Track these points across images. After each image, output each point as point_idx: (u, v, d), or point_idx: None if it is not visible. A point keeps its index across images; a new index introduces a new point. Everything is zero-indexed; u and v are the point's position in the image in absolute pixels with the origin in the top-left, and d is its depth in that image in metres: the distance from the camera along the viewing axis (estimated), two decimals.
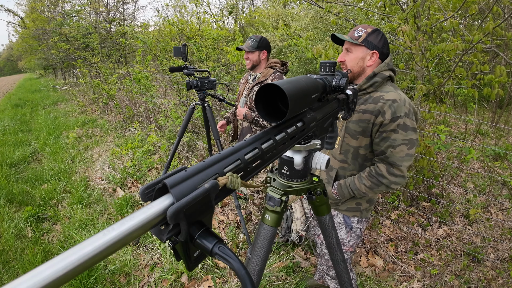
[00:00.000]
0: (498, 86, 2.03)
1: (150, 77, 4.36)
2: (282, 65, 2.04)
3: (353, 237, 1.46)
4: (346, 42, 1.28)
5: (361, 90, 1.28)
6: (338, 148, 1.35)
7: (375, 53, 1.24)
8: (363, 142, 1.28)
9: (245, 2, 12.95)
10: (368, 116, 1.22)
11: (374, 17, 3.36)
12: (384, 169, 1.22)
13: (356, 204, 1.39)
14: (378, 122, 1.19)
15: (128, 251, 2.26)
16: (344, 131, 1.31)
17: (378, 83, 1.23)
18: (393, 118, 1.16)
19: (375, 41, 1.23)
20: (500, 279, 2.01)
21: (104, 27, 10.24)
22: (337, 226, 1.45)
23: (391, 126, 1.17)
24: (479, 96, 3.03)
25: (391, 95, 1.19)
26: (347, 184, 1.32)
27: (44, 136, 5.23)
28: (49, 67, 19.15)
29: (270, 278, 1.99)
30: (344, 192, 1.33)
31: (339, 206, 1.43)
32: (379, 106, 1.19)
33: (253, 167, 0.50)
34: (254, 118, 2.00)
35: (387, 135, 1.19)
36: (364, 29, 1.24)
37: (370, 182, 1.25)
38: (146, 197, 0.36)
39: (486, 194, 3.04)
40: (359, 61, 1.26)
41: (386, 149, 1.20)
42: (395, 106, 1.16)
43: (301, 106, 0.56)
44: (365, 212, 1.41)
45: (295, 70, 6.22)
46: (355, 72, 1.29)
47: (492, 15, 2.69)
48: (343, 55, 1.30)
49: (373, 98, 1.23)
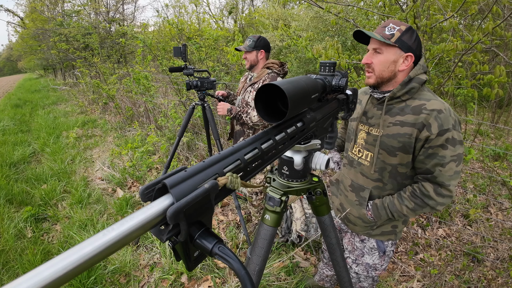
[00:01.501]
0: (498, 86, 2.03)
1: (150, 77, 4.36)
2: (281, 66, 2.03)
3: (386, 261, 1.34)
4: (375, 41, 1.09)
5: (394, 98, 1.11)
6: (371, 165, 1.19)
7: (410, 56, 1.06)
8: (404, 160, 1.11)
9: (245, 2, 12.96)
10: (409, 129, 1.06)
11: (374, 17, 3.36)
12: (431, 190, 1.07)
13: (392, 227, 1.26)
14: (423, 137, 1.04)
15: (128, 251, 2.26)
16: (378, 146, 1.15)
17: (415, 89, 1.08)
18: (440, 131, 1.01)
19: (410, 41, 1.05)
20: (500, 279, 2.01)
21: (104, 27, 10.24)
22: (369, 251, 1.32)
23: (438, 141, 1.02)
24: (478, 96, 3.04)
25: (435, 104, 1.03)
26: (385, 205, 1.16)
27: (43, 136, 5.22)
28: (49, 67, 19.13)
29: (270, 278, 1.99)
30: (381, 214, 1.17)
31: (372, 231, 1.27)
32: (423, 118, 1.03)
33: (253, 167, 0.50)
34: (238, 112, 1.99)
35: (433, 151, 1.04)
36: (397, 26, 1.05)
37: (413, 204, 1.10)
38: (146, 197, 0.36)
39: (486, 194, 3.04)
40: (391, 65, 1.08)
41: (434, 168, 1.05)
42: (442, 117, 1.01)
43: (301, 106, 0.56)
44: (400, 234, 1.29)
45: (295, 70, 6.22)
46: (384, 77, 1.11)
47: (491, 15, 2.69)
48: (370, 56, 1.11)
49: (411, 108, 1.07)
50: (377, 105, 1.19)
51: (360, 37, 1.14)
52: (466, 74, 2.24)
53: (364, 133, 1.23)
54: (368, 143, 1.22)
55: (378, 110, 1.17)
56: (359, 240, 1.36)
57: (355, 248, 1.38)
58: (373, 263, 1.34)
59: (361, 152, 1.25)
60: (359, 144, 1.26)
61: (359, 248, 1.36)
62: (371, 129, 1.20)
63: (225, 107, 2.02)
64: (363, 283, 1.45)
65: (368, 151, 1.22)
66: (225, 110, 2.02)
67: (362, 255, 1.36)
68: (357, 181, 1.27)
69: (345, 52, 2.74)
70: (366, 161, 1.23)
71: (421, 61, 1.09)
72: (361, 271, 1.39)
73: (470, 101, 3.76)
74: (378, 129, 1.16)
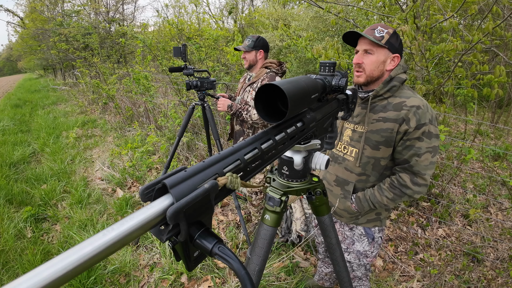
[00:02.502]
0: (498, 86, 2.04)
1: (149, 77, 4.36)
2: (279, 65, 2.03)
3: (376, 247, 1.40)
4: (366, 43, 1.16)
5: (377, 96, 1.20)
6: (355, 160, 1.27)
7: (397, 56, 1.16)
8: (386, 153, 1.20)
9: (245, 2, 12.96)
10: (391, 124, 1.15)
11: (373, 17, 3.36)
12: (408, 179, 1.16)
13: (376, 214, 1.34)
14: (403, 130, 1.13)
15: (127, 251, 2.26)
16: (363, 142, 1.23)
17: (396, 87, 1.16)
18: (418, 125, 1.11)
19: (396, 43, 1.15)
20: (499, 279, 2.02)
21: (104, 27, 10.24)
22: (358, 238, 1.39)
23: (415, 134, 1.11)
24: (478, 96, 3.04)
25: (414, 101, 1.13)
26: (367, 197, 1.25)
27: (43, 136, 5.22)
28: (49, 67, 19.13)
29: (269, 278, 1.99)
30: (364, 206, 1.26)
31: (358, 220, 1.35)
32: (403, 114, 1.12)
33: (253, 167, 0.50)
34: (238, 109, 1.99)
35: (411, 143, 1.13)
36: (385, 29, 1.13)
37: (392, 194, 1.19)
38: (146, 197, 0.36)
39: (486, 194, 3.04)
40: (380, 65, 1.16)
41: (410, 158, 1.14)
42: (420, 113, 1.11)
43: (300, 106, 0.56)
44: (384, 220, 1.37)
45: (295, 70, 6.22)
46: (374, 76, 1.18)
47: (491, 15, 2.69)
48: (360, 56, 1.18)
49: (393, 105, 1.16)
50: (361, 104, 1.27)
51: (348, 39, 1.21)
52: (466, 74, 2.24)
53: (350, 131, 1.31)
54: (353, 140, 1.29)
55: (363, 109, 1.25)
56: (348, 228, 1.42)
57: (345, 237, 1.44)
58: (363, 250, 1.40)
59: (346, 148, 1.33)
60: (344, 141, 1.34)
61: (349, 237, 1.43)
62: (357, 127, 1.28)
63: (225, 103, 2.02)
64: (356, 272, 1.50)
65: (353, 147, 1.29)
66: (226, 106, 2.02)
67: (352, 243, 1.42)
68: (342, 176, 1.34)
69: (345, 52, 2.75)
70: (351, 156, 1.30)
71: (401, 62, 1.18)
72: (353, 259, 1.45)
73: (470, 101, 3.77)
74: (364, 126, 1.24)
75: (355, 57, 1.19)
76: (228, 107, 2.01)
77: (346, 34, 1.18)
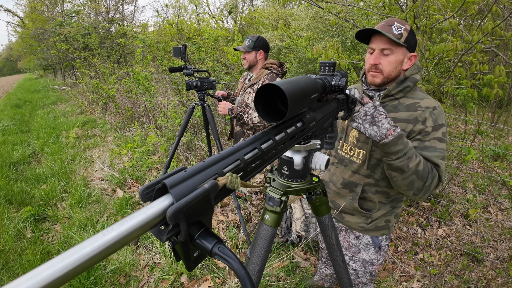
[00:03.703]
0: (498, 86, 2.03)
1: (149, 77, 4.36)
2: (280, 66, 2.03)
3: (382, 255, 1.36)
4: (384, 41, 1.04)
5: (388, 96, 1.13)
6: (364, 163, 1.20)
7: (414, 55, 1.07)
8: None
9: (245, 2, 12.95)
10: (402, 125, 1.09)
11: (373, 17, 3.36)
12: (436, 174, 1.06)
13: (386, 221, 1.28)
14: (418, 129, 1.07)
15: (127, 252, 2.26)
16: (371, 144, 1.16)
17: (409, 88, 1.10)
18: (435, 126, 1.06)
19: (413, 41, 1.06)
20: (499, 279, 2.02)
21: (104, 27, 10.24)
22: (364, 247, 1.35)
23: (435, 134, 1.06)
24: (478, 96, 3.04)
25: (429, 102, 1.08)
26: (409, 145, 0.99)
27: (43, 136, 5.22)
28: (49, 67, 19.13)
29: (269, 278, 1.99)
30: (403, 141, 0.96)
31: (367, 225, 1.28)
32: (418, 114, 1.07)
33: (253, 167, 0.50)
34: (239, 112, 1.99)
35: (430, 144, 1.05)
36: (402, 25, 1.02)
37: (423, 166, 1.00)
38: (146, 197, 0.36)
39: (486, 194, 3.04)
40: (398, 65, 1.07)
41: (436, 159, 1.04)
42: (436, 113, 1.06)
43: (300, 106, 0.56)
44: (392, 228, 1.32)
45: (295, 70, 6.21)
46: (391, 77, 1.10)
47: (491, 15, 2.69)
48: (377, 56, 1.07)
49: (405, 106, 1.10)
50: None
51: (360, 36, 1.11)
52: (466, 74, 2.24)
53: (356, 132, 1.24)
54: (360, 141, 1.23)
55: None
56: (354, 237, 1.38)
57: (351, 245, 1.40)
58: (369, 258, 1.36)
59: (353, 150, 1.26)
60: (350, 142, 1.27)
61: (355, 245, 1.39)
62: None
63: (226, 106, 2.02)
64: (361, 278, 1.47)
65: (360, 149, 1.23)
66: (226, 110, 2.02)
67: (358, 251, 1.38)
68: (349, 179, 1.28)
69: (345, 52, 2.74)
70: (358, 159, 1.24)
71: (416, 61, 1.11)
72: (358, 267, 1.41)
73: (470, 101, 3.76)
74: None
75: (372, 57, 1.08)
76: (228, 110, 2.01)
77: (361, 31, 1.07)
